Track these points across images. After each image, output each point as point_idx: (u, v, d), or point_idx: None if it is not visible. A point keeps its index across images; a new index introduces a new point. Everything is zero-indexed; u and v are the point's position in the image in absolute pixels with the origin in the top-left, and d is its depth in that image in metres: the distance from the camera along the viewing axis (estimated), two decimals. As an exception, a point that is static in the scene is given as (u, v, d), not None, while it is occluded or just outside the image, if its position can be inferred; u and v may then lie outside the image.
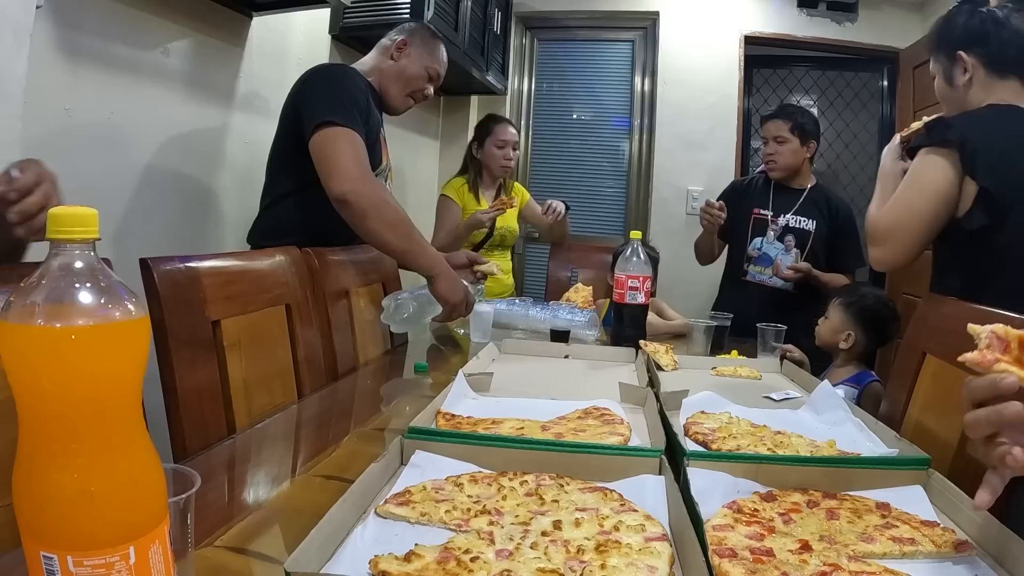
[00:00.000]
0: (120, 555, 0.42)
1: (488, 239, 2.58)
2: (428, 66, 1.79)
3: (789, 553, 0.63)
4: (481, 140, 2.59)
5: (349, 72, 1.67)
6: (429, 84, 1.82)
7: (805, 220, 2.23)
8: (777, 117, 2.26)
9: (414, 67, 1.77)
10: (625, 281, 1.69)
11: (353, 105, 1.56)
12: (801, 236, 2.23)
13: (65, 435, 0.40)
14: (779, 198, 2.28)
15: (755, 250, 2.27)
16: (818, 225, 2.22)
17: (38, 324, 0.39)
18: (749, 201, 2.32)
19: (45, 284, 0.41)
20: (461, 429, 0.93)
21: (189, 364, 1.02)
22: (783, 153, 2.23)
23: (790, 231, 2.24)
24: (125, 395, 0.43)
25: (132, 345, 0.43)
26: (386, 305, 1.66)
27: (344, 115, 1.52)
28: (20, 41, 1.24)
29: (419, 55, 1.78)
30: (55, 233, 0.41)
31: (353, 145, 1.51)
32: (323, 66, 1.75)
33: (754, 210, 2.29)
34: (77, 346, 0.40)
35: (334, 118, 1.50)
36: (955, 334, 1.09)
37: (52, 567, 0.41)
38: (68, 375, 0.40)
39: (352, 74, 1.67)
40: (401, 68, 1.76)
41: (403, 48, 1.78)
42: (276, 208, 1.67)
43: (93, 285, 0.41)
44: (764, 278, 2.24)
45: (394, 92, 1.78)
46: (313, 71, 1.66)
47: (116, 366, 0.42)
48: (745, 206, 2.31)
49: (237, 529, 0.67)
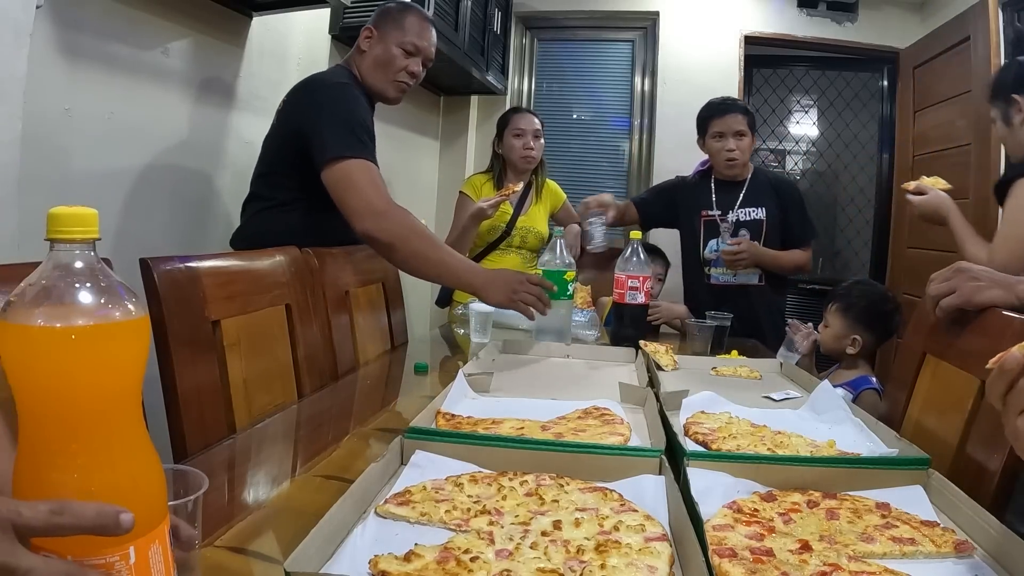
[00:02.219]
0: (120, 555, 0.42)
1: (504, 238, 2.45)
2: (400, 42, 1.66)
3: (789, 553, 0.63)
4: (501, 134, 2.50)
5: (351, 93, 1.60)
6: (410, 59, 1.68)
7: (754, 210, 2.17)
8: (733, 111, 2.15)
9: (385, 50, 1.66)
10: (625, 281, 1.69)
11: (364, 131, 1.53)
12: (754, 227, 2.17)
13: (65, 435, 0.40)
14: (722, 195, 2.21)
15: (712, 253, 2.21)
16: (768, 211, 2.16)
17: (38, 324, 0.39)
18: (694, 204, 2.24)
19: (45, 284, 0.41)
20: (461, 429, 0.93)
21: (189, 364, 1.02)
22: (743, 148, 2.14)
23: (742, 225, 2.17)
24: (125, 395, 0.43)
25: (132, 345, 0.43)
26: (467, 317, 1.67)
27: (358, 146, 1.49)
28: (20, 41, 1.24)
29: (387, 35, 1.67)
30: (55, 233, 0.41)
31: (371, 176, 1.48)
32: (326, 83, 1.62)
33: (702, 213, 2.22)
34: (77, 346, 0.40)
35: (347, 152, 1.47)
36: (955, 334, 1.09)
37: None
38: (68, 375, 0.40)
39: (355, 94, 1.60)
40: (374, 57, 1.67)
41: (370, 36, 1.68)
42: (265, 216, 1.63)
43: (93, 285, 0.41)
44: (729, 278, 2.18)
45: (377, 83, 1.68)
46: (315, 87, 1.60)
47: (116, 366, 0.42)
48: (691, 209, 2.25)
49: (237, 529, 0.67)
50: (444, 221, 3.51)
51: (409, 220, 1.51)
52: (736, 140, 2.13)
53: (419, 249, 1.50)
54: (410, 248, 1.49)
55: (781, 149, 4.15)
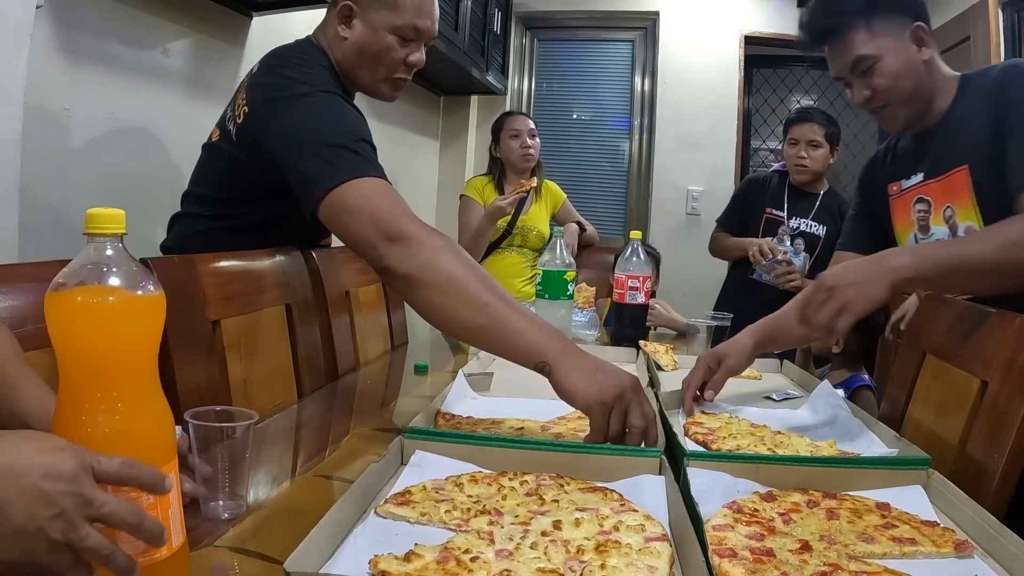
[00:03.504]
0: None
1: (505, 238, 2.45)
2: (394, 26, 1.24)
3: (789, 553, 0.63)
4: (497, 137, 2.53)
5: (322, 100, 1.15)
6: (409, 47, 1.27)
7: (817, 226, 2.23)
8: (811, 120, 2.21)
9: (374, 37, 1.25)
10: (625, 281, 1.69)
11: (355, 141, 1.10)
12: (811, 240, 2.23)
13: (106, 385, 0.52)
14: (795, 201, 2.27)
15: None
16: (828, 231, 2.22)
17: (79, 300, 0.51)
18: (762, 200, 2.30)
19: (84, 268, 0.52)
20: (461, 429, 0.93)
21: (189, 364, 1.02)
22: (816, 158, 2.21)
23: (800, 235, 2.23)
24: (147, 356, 0.55)
25: (153, 316, 0.54)
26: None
27: (354, 163, 1.07)
28: (20, 41, 1.24)
29: (374, 16, 1.24)
30: (92, 229, 0.52)
31: (377, 193, 1.06)
32: (292, 95, 1.15)
33: (767, 209, 2.27)
34: (109, 317, 0.51)
35: (340, 177, 1.05)
36: (955, 334, 1.09)
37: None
38: (107, 339, 0.51)
39: (330, 100, 1.16)
40: (358, 45, 1.25)
41: (349, 17, 1.25)
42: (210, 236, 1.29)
43: (120, 269, 0.53)
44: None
45: (364, 79, 1.30)
46: (276, 100, 1.15)
47: (141, 332, 0.54)
48: (758, 204, 2.30)
49: (237, 529, 0.67)
50: (444, 221, 3.52)
51: (449, 247, 1.01)
52: (809, 149, 2.20)
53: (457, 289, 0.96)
54: (443, 284, 0.97)
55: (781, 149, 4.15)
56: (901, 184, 1.34)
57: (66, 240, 1.32)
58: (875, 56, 1.18)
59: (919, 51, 1.20)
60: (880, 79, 1.19)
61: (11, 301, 0.80)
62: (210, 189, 1.33)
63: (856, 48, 1.19)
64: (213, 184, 1.32)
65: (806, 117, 2.25)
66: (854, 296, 0.97)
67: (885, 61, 1.18)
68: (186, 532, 0.57)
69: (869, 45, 1.18)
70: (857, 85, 1.23)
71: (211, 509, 0.69)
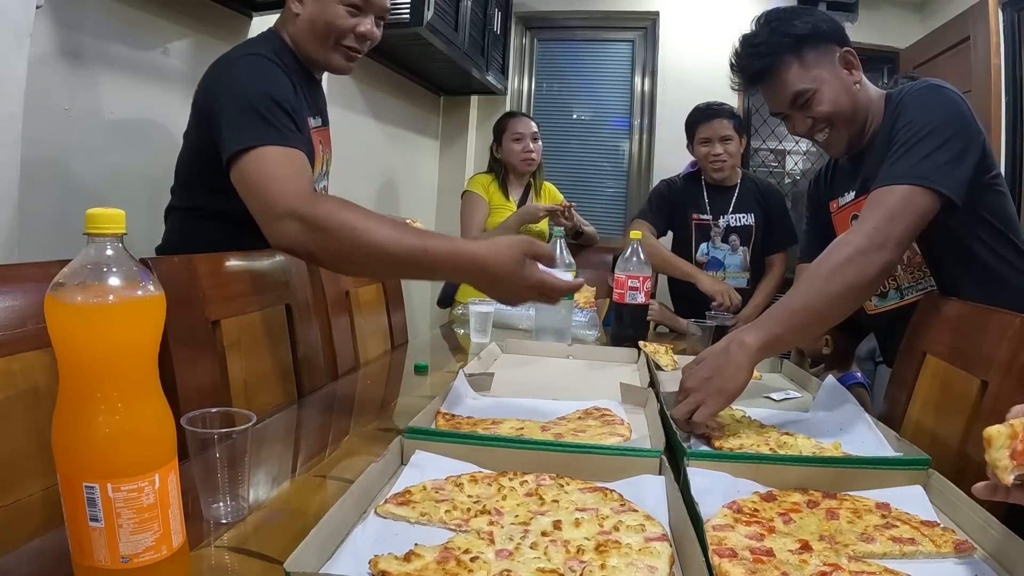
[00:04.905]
0: (148, 481, 0.52)
1: None
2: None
3: (789, 553, 0.63)
4: (499, 139, 2.53)
5: (259, 65, 1.21)
6: (358, 17, 1.32)
7: (744, 216, 2.23)
8: (719, 116, 2.19)
9: (321, 9, 1.30)
10: (625, 281, 1.69)
11: (273, 108, 1.12)
12: (744, 233, 2.23)
13: (106, 385, 0.51)
14: (714, 199, 2.25)
15: (703, 256, 2.25)
16: (756, 217, 2.23)
17: (78, 302, 0.50)
18: (684, 206, 2.28)
19: (84, 269, 0.51)
20: (461, 429, 0.93)
21: (189, 364, 1.02)
22: (732, 152, 2.19)
23: (732, 231, 2.23)
24: (147, 356, 0.54)
25: (153, 316, 0.54)
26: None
27: (262, 130, 1.09)
28: (20, 41, 1.24)
29: None
30: (92, 229, 0.51)
31: (278, 164, 1.07)
32: (229, 59, 1.25)
33: (692, 216, 2.26)
34: (109, 318, 0.51)
35: (248, 142, 1.07)
36: (955, 334, 1.09)
37: (93, 495, 0.50)
38: (107, 339, 0.51)
39: (263, 66, 1.21)
40: (308, 19, 1.31)
41: None
42: (188, 225, 1.38)
43: (120, 269, 0.52)
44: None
45: (316, 52, 1.34)
46: (217, 68, 1.25)
47: (141, 332, 0.53)
48: (681, 212, 2.28)
49: (237, 529, 0.67)
50: (444, 221, 3.52)
51: (340, 210, 1.01)
52: (723, 145, 2.18)
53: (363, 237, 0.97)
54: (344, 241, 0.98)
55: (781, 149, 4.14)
56: (839, 201, 1.41)
57: (66, 240, 1.32)
58: (812, 88, 1.22)
59: (850, 74, 1.24)
60: (820, 107, 1.23)
61: (11, 301, 0.80)
62: (182, 177, 1.39)
63: (793, 84, 1.22)
64: (184, 172, 1.38)
65: (714, 114, 2.20)
66: (712, 390, 0.97)
67: (822, 91, 1.22)
68: (186, 532, 0.57)
69: (805, 79, 1.22)
70: (797, 117, 1.27)
71: (211, 510, 0.69)
